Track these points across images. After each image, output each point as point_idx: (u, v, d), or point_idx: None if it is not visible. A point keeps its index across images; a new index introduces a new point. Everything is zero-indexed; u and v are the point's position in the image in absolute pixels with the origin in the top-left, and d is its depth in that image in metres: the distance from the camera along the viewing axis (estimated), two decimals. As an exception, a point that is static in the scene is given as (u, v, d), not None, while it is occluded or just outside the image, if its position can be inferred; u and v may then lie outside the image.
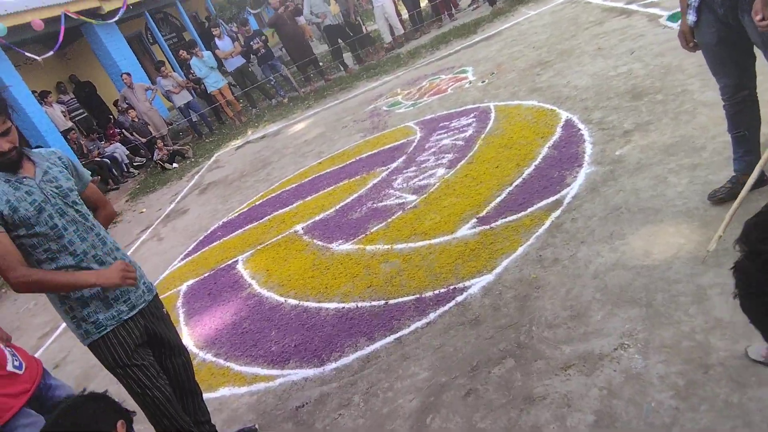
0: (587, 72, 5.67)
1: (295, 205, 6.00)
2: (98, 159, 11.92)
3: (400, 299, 3.49)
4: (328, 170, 6.57)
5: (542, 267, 3.15)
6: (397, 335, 3.19)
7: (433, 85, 8.13)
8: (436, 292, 3.38)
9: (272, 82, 12.50)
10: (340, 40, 12.08)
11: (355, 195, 5.44)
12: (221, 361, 3.78)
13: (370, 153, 6.45)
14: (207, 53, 12.25)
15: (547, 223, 3.53)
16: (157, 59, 16.34)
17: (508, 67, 7.22)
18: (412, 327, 3.20)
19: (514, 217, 3.76)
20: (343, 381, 3.06)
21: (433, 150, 5.62)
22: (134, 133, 12.54)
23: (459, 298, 3.24)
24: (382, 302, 3.54)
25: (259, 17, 20.40)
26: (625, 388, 2.21)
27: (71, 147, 12.05)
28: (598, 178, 3.74)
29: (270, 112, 12.16)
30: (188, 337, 4.31)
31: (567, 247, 3.21)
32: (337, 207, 5.36)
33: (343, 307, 3.69)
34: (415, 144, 6.03)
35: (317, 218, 5.34)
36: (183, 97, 12.47)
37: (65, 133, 12.39)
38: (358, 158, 6.48)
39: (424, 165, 5.35)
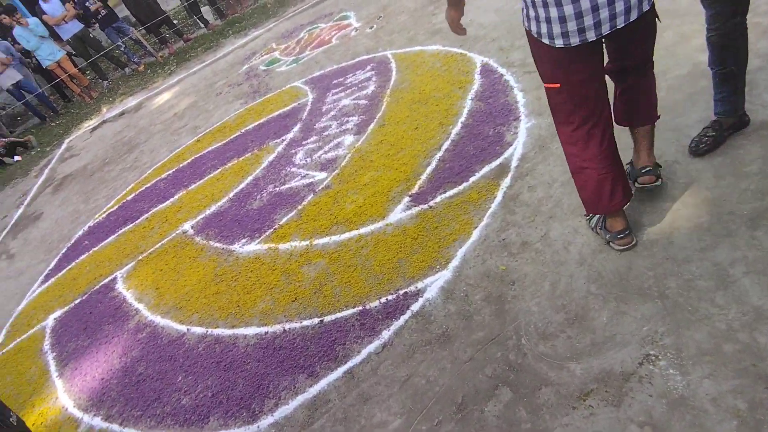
0: (490, 7, 5.11)
1: (176, 197, 5.00)
2: None
3: (339, 314, 2.80)
4: (210, 148, 5.57)
5: (510, 254, 2.59)
6: (347, 366, 2.52)
7: (313, 36, 7.22)
8: (383, 300, 2.73)
9: (122, 48, 10.79)
10: (195, -8, 10.60)
11: (250, 178, 4.57)
12: (116, 428, 2.91)
13: (256, 123, 5.53)
14: (33, 20, 10.25)
15: (499, 195, 2.96)
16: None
17: (395, 8, 6.49)
18: (364, 353, 2.53)
19: (455, 190, 3.16)
20: (288, 441, 2.36)
21: (332, 113, 4.83)
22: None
23: (414, 307, 2.61)
24: (317, 320, 2.83)
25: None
26: (673, 421, 1.71)
27: None
28: (543, 132, 3.22)
29: (125, 83, 10.54)
30: (64, 394, 3.35)
31: (533, 224, 2.67)
32: (231, 195, 4.47)
33: (266, 332, 2.94)
34: (308, 108, 5.20)
35: (208, 212, 4.42)
36: (10, 77, 10.42)
37: None
38: (243, 131, 5.54)
39: (326, 133, 4.57)
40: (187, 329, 3.29)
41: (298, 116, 5.15)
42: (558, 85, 2.09)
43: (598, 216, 2.38)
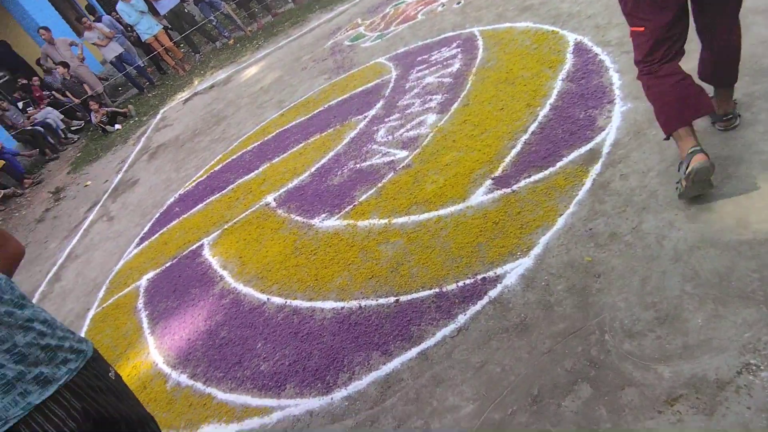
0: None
1: (261, 169, 5.16)
2: (30, 128, 10.60)
3: (415, 295, 2.80)
4: (294, 123, 5.69)
5: (597, 245, 2.47)
6: (421, 348, 2.52)
7: (399, 11, 7.15)
8: (461, 284, 2.69)
9: (213, 23, 11.17)
10: (284, -33, 10.74)
11: (332, 153, 4.63)
12: (200, 386, 3.08)
13: (339, 99, 5.57)
14: (135, -5, 10.79)
15: (588, 182, 2.83)
16: (82, 8, 14.60)
17: (485, -18, 6.28)
18: (439, 335, 2.52)
19: (541, 175, 3.05)
20: (360, 416, 2.40)
21: (415, 91, 4.78)
22: (67, 93, 11.17)
23: (492, 293, 2.56)
24: (392, 300, 2.85)
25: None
26: (774, 436, 1.59)
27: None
28: (640, 117, 3.03)
29: (216, 57, 10.94)
30: (155, 350, 3.58)
31: (624, 215, 2.53)
32: (312, 170, 4.55)
33: (343, 308, 2.99)
34: (392, 85, 5.17)
35: (290, 186, 4.53)
36: (112, 50, 11.07)
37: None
38: (326, 106, 5.60)
39: (408, 111, 4.53)
40: (268, 298, 3.40)
41: (381, 93, 5.14)
42: (642, 29, 2.32)
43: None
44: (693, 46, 2.46)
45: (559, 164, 3.04)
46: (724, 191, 2.34)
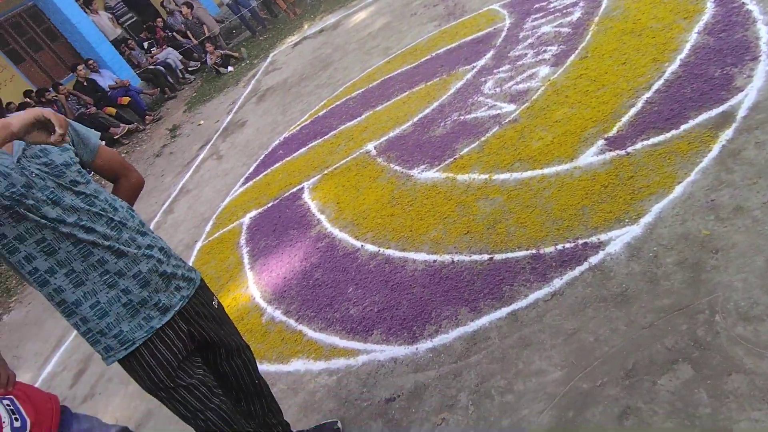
0: None
1: (363, 116, 5.17)
2: (152, 67, 11.30)
3: (510, 254, 2.71)
4: (400, 70, 5.61)
5: (718, 219, 2.25)
6: (511, 308, 2.46)
7: (518, -45, 6.72)
8: (559, 247, 2.57)
9: (327, -34, 11.13)
10: None
11: (436, 104, 4.53)
12: (292, 323, 3.22)
13: (448, 47, 5.40)
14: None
15: (716, 148, 2.56)
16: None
17: None
18: (531, 298, 2.44)
19: (661, 138, 2.79)
20: (444, 369, 2.40)
21: (530, 41, 4.52)
22: (188, 34, 11.74)
23: (593, 259, 2.43)
24: (486, 257, 2.78)
25: None
26: None
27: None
28: (788, 77, 2.67)
29: (326, 1, 10.95)
30: (254, 285, 3.78)
31: (754, 188, 2.27)
32: (415, 120, 4.49)
33: (435, 261, 2.97)
34: (504, 34, 4.92)
35: (392, 135, 4.51)
36: (230, -9, 11.41)
37: (117, 44, 11.74)
38: (434, 54, 5.46)
39: (520, 63, 4.31)
40: (361, 245, 3.46)
41: (492, 42, 4.92)
42: None
43: None
44: None
45: (683, 127, 2.77)
46: None
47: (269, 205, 4.70)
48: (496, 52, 4.68)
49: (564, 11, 4.61)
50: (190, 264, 4.52)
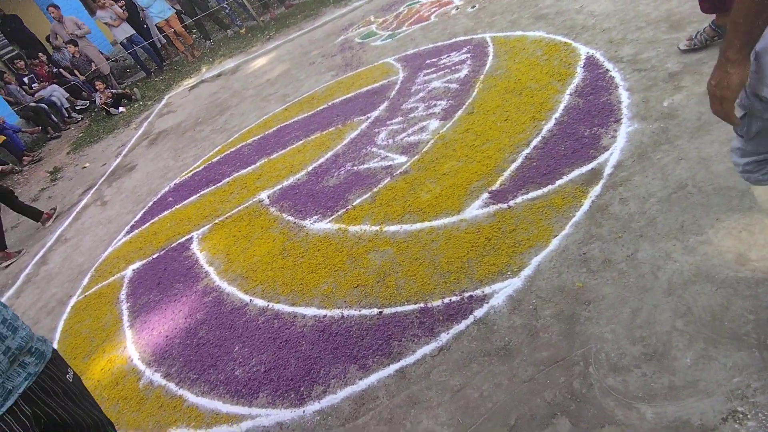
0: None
1: (258, 164, 5.06)
2: (33, 104, 10.54)
3: (399, 308, 2.70)
4: (296, 118, 5.59)
5: (589, 271, 2.37)
6: (400, 365, 2.42)
7: (412, 12, 7.04)
8: (446, 300, 2.59)
9: (226, 10, 11.08)
10: (301, -41, 10.63)
11: (330, 153, 4.53)
12: (173, 387, 2.99)
13: (344, 97, 5.47)
14: (149, -23, 10.72)
15: (586, 203, 2.72)
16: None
17: (500, -12, 6.16)
18: (419, 353, 2.42)
19: (539, 192, 2.94)
20: (331, 433, 2.30)
21: (421, 95, 4.68)
22: (76, 71, 11.10)
23: (478, 312, 2.46)
24: (376, 311, 2.75)
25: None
26: (759, 495, 1.49)
27: None
28: (646, 139, 2.92)
29: (226, 45, 10.85)
30: (132, 345, 3.49)
31: (620, 242, 2.42)
32: (309, 169, 4.46)
33: (325, 316, 2.89)
34: (398, 87, 5.07)
35: (286, 183, 4.44)
36: (124, 31, 11.00)
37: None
38: (330, 104, 5.50)
39: (412, 115, 4.43)
40: (250, 300, 3.31)
41: (386, 94, 5.04)
42: None
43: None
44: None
45: (558, 182, 2.93)
46: (725, 224, 2.24)
47: (155, 256, 4.43)
48: (389, 104, 4.79)
49: (453, 68, 4.83)
50: (61, 322, 4.14)
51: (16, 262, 5.84)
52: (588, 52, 3.97)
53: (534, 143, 3.32)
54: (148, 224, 5.08)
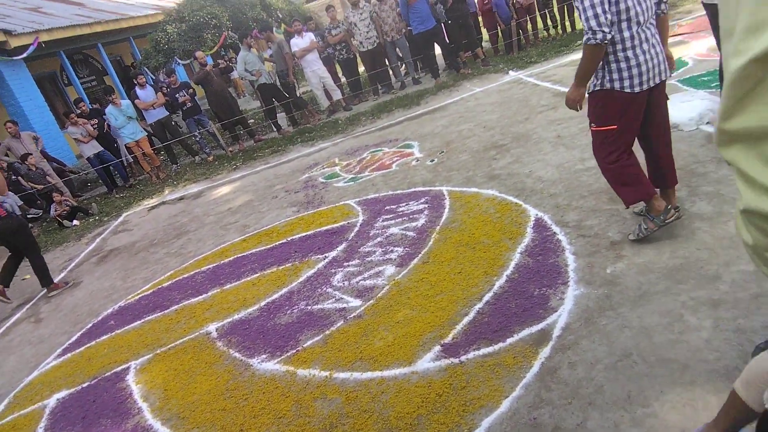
0: (551, 162, 5.15)
1: (210, 293, 4.97)
2: (-18, 210, 10.25)
3: (343, 466, 2.56)
4: (254, 251, 5.62)
5: (539, 438, 2.35)
6: None
7: (375, 158, 7.47)
8: (393, 460, 2.49)
9: (197, 138, 11.47)
10: (274, 100, 11.33)
11: (285, 290, 4.51)
12: None
13: (303, 234, 5.57)
14: (126, 102, 11.16)
15: (536, 365, 2.76)
16: (72, 100, 14.93)
17: (458, 146, 6.68)
18: None
19: (490, 349, 2.97)
20: None
21: (379, 240, 4.82)
22: (30, 182, 11.02)
23: (426, 477, 2.36)
24: (318, 468, 2.60)
25: (189, 68, 19.46)
26: None
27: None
28: (592, 303, 3.05)
29: (192, 170, 11.08)
30: (43, 490, 3.14)
31: (570, 408, 2.44)
32: (262, 304, 4.40)
33: (263, 469, 2.71)
34: (357, 229, 5.22)
35: (236, 317, 4.35)
36: (93, 147, 11.18)
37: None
38: (289, 239, 5.58)
39: (369, 259, 4.53)
40: (184, 444, 3.09)
41: (345, 235, 5.17)
42: (615, 126, 3.17)
43: (643, 215, 3.46)
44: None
45: (509, 340, 2.99)
46: (669, 397, 2.30)
47: (84, 385, 4.14)
48: (348, 246, 4.90)
49: (411, 216, 5.05)
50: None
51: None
52: (537, 214, 4.25)
53: (486, 298, 3.42)
54: (82, 348, 4.80)
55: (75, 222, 10.00)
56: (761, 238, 1.03)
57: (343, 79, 12.26)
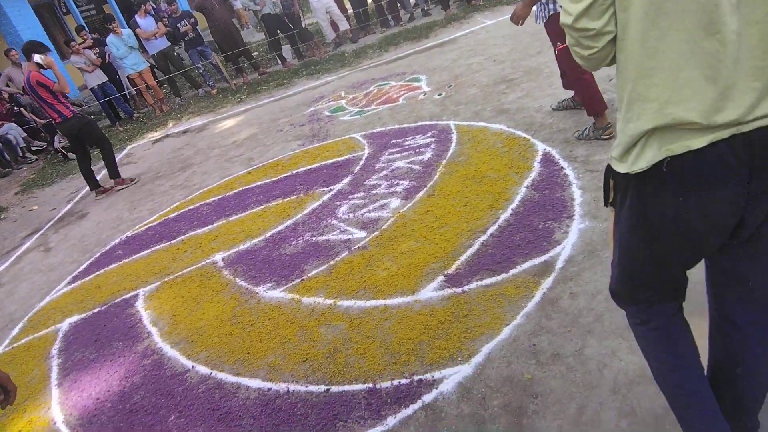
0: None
1: (216, 225, 5.01)
2: (-14, 141, 10.26)
3: (347, 387, 2.65)
4: (259, 183, 5.61)
5: (538, 363, 2.40)
6: (342, 448, 2.35)
7: (382, 92, 7.33)
8: (395, 382, 2.57)
9: (200, 70, 11.26)
10: (279, 32, 11.02)
11: (290, 221, 4.53)
12: (97, 456, 2.79)
13: (309, 167, 5.55)
14: (127, 31, 10.89)
15: (538, 295, 2.79)
16: (72, 30, 14.60)
17: (467, 80, 6.53)
18: (364, 437, 2.36)
19: (493, 280, 3.01)
20: None
21: (384, 173, 4.80)
22: (32, 114, 10.93)
23: (426, 398, 2.44)
24: (323, 388, 2.69)
25: (191, -4, 18.85)
26: None
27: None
28: (596, 237, 3.06)
29: (196, 104, 10.94)
30: (58, 406, 3.28)
31: (569, 336, 2.48)
32: (268, 235, 4.44)
33: (270, 389, 2.80)
34: (362, 162, 5.19)
35: (242, 247, 4.39)
36: (97, 77, 11.00)
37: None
38: (294, 172, 5.56)
39: (374, 192, 4.52)
40: (192, 366, 3.19)
41: (350, 168, 5.14)
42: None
43: (589, 127, 4.09)
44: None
45: (512, 271, 3.01)
46: (668, 327, 2.32)
47: (95, 310, 4.24)
48: (353, 179, 4.89)
49: (417, 150, 5.00)
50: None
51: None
52: (545, 149, 4.20)
53: (491, 231, 3.43)
54: (92, 276, 4.89)
55: (80, 154, 9.95)
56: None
57: (351, 11, 11.87)
